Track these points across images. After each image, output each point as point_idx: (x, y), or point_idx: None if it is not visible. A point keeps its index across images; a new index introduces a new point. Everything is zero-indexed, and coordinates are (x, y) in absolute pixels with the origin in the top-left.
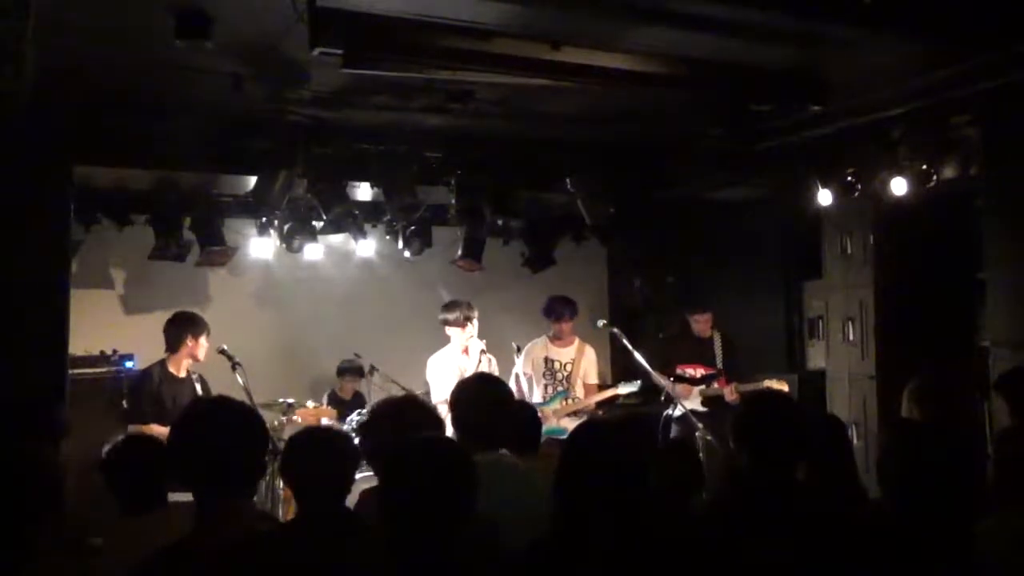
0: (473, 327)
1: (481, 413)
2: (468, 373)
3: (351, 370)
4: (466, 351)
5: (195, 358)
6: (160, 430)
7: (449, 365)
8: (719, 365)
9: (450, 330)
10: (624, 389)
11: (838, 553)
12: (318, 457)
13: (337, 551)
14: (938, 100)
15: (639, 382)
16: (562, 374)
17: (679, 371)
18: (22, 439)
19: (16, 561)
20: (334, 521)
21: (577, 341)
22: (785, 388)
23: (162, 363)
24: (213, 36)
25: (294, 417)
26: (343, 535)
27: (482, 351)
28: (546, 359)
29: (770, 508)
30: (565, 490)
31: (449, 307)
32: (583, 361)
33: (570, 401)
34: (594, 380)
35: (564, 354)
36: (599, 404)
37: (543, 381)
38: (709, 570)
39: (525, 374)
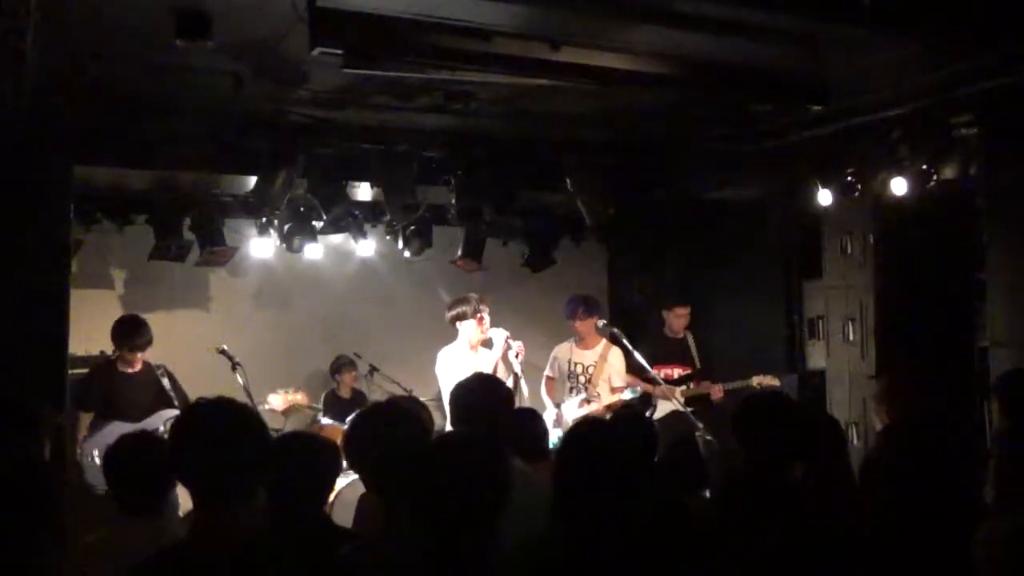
0: (487, 320)
1: (480, 413)
2: (481, 366)
3: (346, 364)
4: (475, 347)
5: (127, 363)
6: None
7: (461, 360)
8: (697, 365)
9: (463, 324)
10: (629, 395)
11: (836, 553)
12: (299, 463)
13: (322, 557)
14: (938, 100)
15: (643, 387)
16: (584, 377)
17: (654, 372)
18: (10, 439)
19: (13, 561)
20: (313, 529)
21: (603, 344)
22: (776, 383)
23: (111, 361)
24: (213, 36)
25: (264, 406)
26: (325, 542)
27: (507, 338)
28: (569, 361)
29: (768, 507)
30: (563, 490)
31: (460, 301)
32: (606, 365)
33: (587, 404)
34: (620, 384)
35: (587, 357)
36: (607, 408)
37: (567, 383)
38: (708, 569)
39: (548, 376)
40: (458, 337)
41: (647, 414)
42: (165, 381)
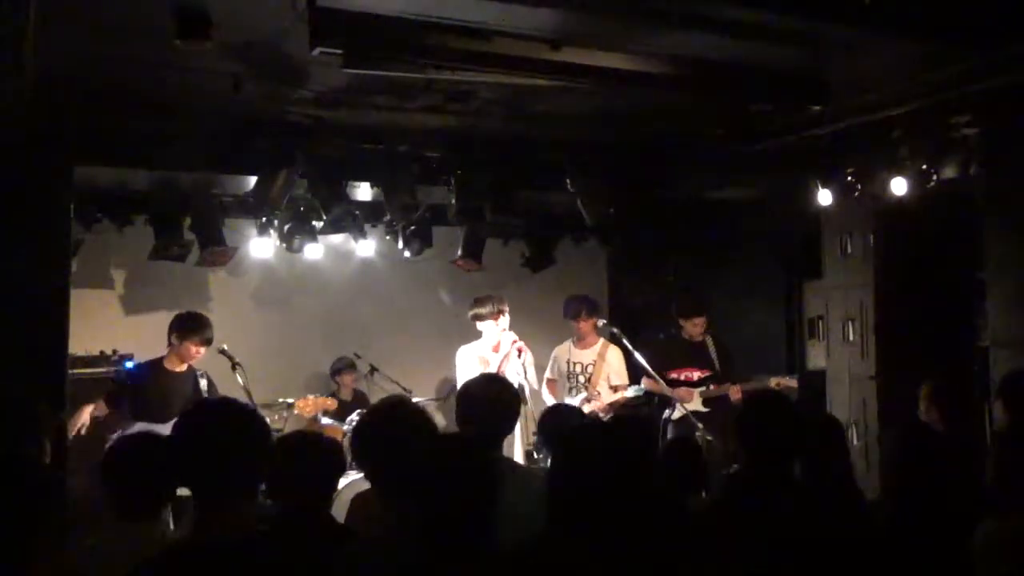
0: (505, 320)
1: (484, 413)
2: (493, 367)
3: (347, 366)
4: (497, 347)
5: (182, 358)
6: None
7: (478, 357)
8: (716, 368)
9: (482, 324)
10: (631, 392)
11: (836, 553)
12: (301, 463)
13: (323, 556)
14: (938, 100)
15: (643, 385)
16: (583, 376)
17: (674, 376)
18: (10, 439)
19: (11, 562)
20: (316, 528)
21: (601, 343)
22: (793, 384)
23: (158, 360)
24: (213, 36)
25: (295, 412)
26: (327, 541)
27: (514, 342)
28: (568, 361)
29: (768, 507)
30: (557, 489)
31: (480, 301)
32: (604, 364)
33: (589, 404)
34: (619, 382)
35: (586, 356)
36: (610, 406)
37: (567, 384)
38: (708, 569)
39: (548, 378)
40: (482, 336)
41: (665, 415)
42: (203, 382)
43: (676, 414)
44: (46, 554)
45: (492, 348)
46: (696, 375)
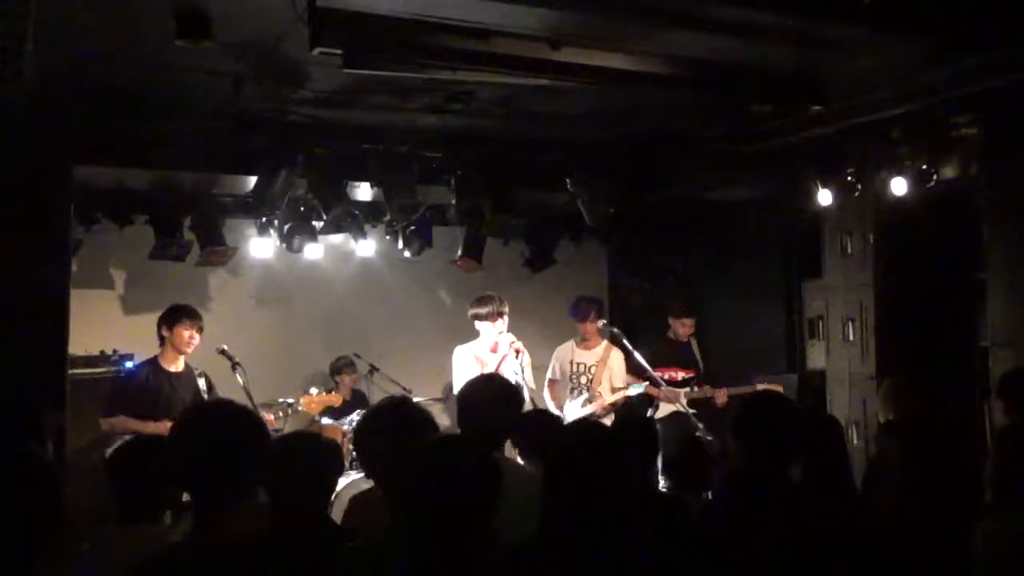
0: (504, 322)
1: (485, 413)
2: (490, 367)
3: (346, 365)
4: (495, 348)
5: (179, 350)
6: (134, 425)
7: (474, 357)
8: (700, 367)
9: (480, 324)
10: (633, 391)
11: (835, 552)
12: (299, 464)
13: (322, 556)
14: (938, 100)
15: (647, 383)
16: (586, 377)
17: (658, 375)
18: (10, 439)
19: (11, 562)
20: (314, 529)
21: (604, 344)
22: (779, 389)
23: (153, 359)
24: (213, 36)
25: (299, 408)
26: (326, 542)
27: (511, 343)
28: (571, 362)
29: (767, 507)
30: (556, 490)
31: (481, 301)
32: (606, 367)
33: (591, 404)
34: (621, 383)
35: (589, 357)
36: (612, 406)
37: (569, 384)
38: (707, 569)
39: (550, 379)
40: (479, 335)
41: (648, 413)
42: (201, 382)
43: (660, 413)
44: (46, 555)
45: (490, 349)
46: (680, 375)
